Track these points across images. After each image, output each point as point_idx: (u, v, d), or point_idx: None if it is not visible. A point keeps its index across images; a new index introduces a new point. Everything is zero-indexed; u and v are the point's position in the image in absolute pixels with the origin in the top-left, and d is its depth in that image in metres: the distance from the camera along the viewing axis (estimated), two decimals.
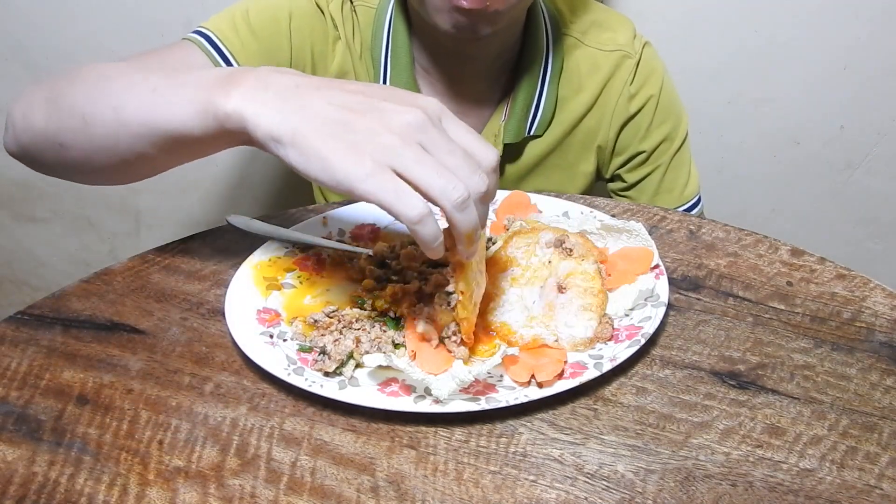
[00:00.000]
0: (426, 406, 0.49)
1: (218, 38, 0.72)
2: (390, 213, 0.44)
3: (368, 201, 0.44)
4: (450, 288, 0.54)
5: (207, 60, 0.71)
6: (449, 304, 0.54)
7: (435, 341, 0.53)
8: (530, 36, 0.80)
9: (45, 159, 0.62)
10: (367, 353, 0.54)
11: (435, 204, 0.45)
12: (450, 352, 0.53)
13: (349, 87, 0.48)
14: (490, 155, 0.47)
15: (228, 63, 0.72)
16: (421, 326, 0.54)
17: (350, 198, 0.47)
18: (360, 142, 0.44)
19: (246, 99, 0.48)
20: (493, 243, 0.64)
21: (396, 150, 0.44)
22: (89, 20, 1.19)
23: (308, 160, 0.45)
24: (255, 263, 0.62)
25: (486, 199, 0.46)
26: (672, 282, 0.61)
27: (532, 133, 0.82)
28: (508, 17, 0.70)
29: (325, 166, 0.45)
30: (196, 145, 0.53)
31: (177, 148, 0.54)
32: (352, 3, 0.79)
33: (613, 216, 0.67)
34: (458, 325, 0.53)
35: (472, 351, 0.54)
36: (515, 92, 0.80)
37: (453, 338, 0.53)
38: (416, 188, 0.44)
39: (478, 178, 0.45)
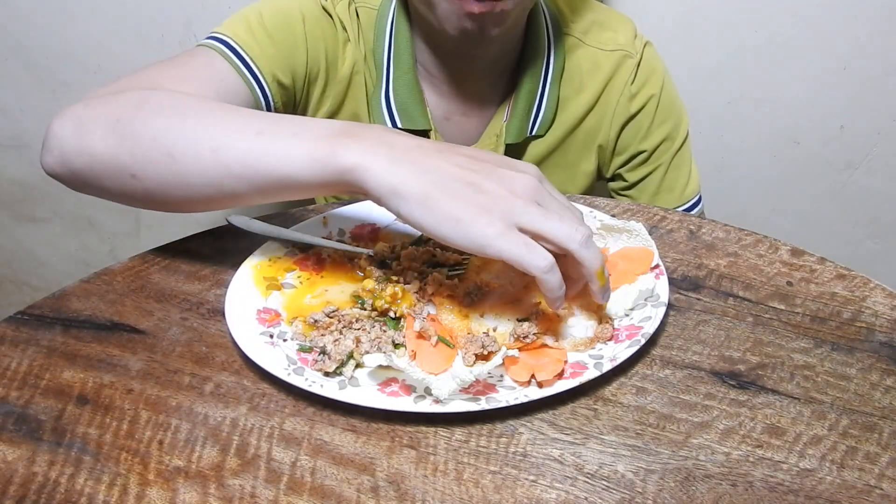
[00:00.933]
0: (426, 406, 0.49)
1: (237, 44, 0.71)
2: (522, 267, 0.48)
3: (501, 258, 0.48)
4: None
5: (230, 68, 0.70)
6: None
7: (434, 339, 0.53)
8: (532, 36, 0.80)
9: (105, 186, 0.59)
10: (367, 353, 0.54)
11: (563, 249, 0.49)
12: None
13: (464, 151, 0.52)
14: (582, 232, 0.49)
15: (249, 68, 0.71)
16: (418, 324, 0.54)
17: (477, 255, 0.51)
18: (489, 204, 0.48)
19: (368, 154, 0.50)
20: None
21: (522, 210, 0.48)
22: (89, 20, 1.19)
23: (438, 220, 0.48)
24: (255, 263, 0.62)
25: (589, 244, 0.50)
26: (672, 282, 0.61)
27: (534, 133, 0.82)
28: (514, 17, 0.70)
29: (457, 227, 0.48)
30: (301, 191, 0.54)
31: (279, 191, 0.55)
32: (354, 4, 0.79)
33: (613, 216, 0.67)
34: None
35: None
36: (517, 92, 0.80)
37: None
38: (544, 239, 0.48)
39: (585, 227, 0.50)
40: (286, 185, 0.54)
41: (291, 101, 0.78)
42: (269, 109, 0.74)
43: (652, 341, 0.55)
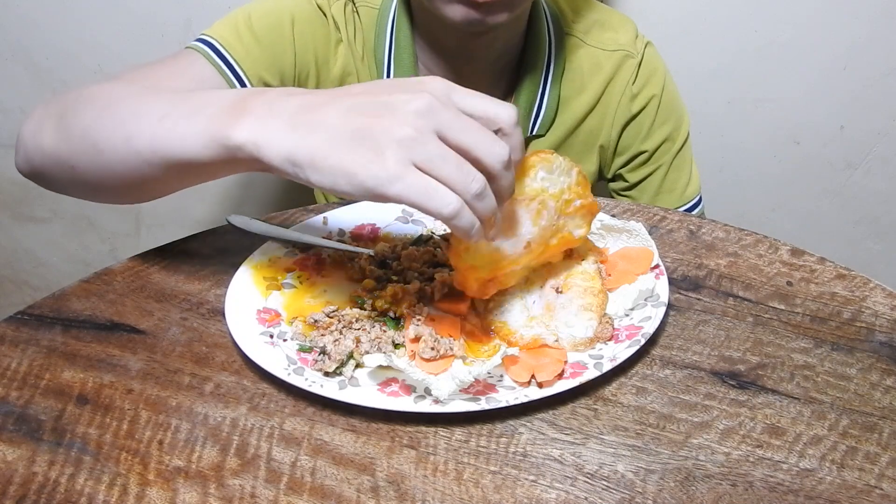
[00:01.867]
0: (426, 406, 0.49)
1: (222, 45, 0.72)
2: (425, 212, 0.45)
3: (401, 203, 0.45)
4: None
5: (213, 70, 0.70)
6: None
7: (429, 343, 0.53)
8: (533, 36, 0.80)
9: (57, 180, 0.62)
10: (367, 353, 0.54)
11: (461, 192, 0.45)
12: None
13: (354, 90, 0.48)
14: (507, 114, 0.47)
15: (233, 70, 0.71)
16: (413, 330, 0.54)
17: (383, 202, 0.47)
18: (379, 145, 0.44)
19: (256, 128, 0.48)
20: None
21: (414, 145, 0.44)
22: (90, 20, 1.19)
23: (334, 177, 0.45)
24: (255, 263, 0.62)
25: (509, 165, 0.47)
26: (672, 282, 0.61)
27: (535, 133, 0.82)
28: (517, 7, 0.70)
29: (350, 179, 0.45)
30: (208, 172, 0.54)
31: (189, 174, 0.55)
32: (354, 3, 0.79)
33: (613, 216, 0.67)
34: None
35: (472, 343, 0.55)
36: (518, 92, 0.80)
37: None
38: (439, 181, 0.45)
39: (499, 147, 0.45)
40: (192, 168, 0.53)
41: None
42: None
43: (652, 341, 0.55)
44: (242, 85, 0.72)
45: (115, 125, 0.55)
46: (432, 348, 0.52)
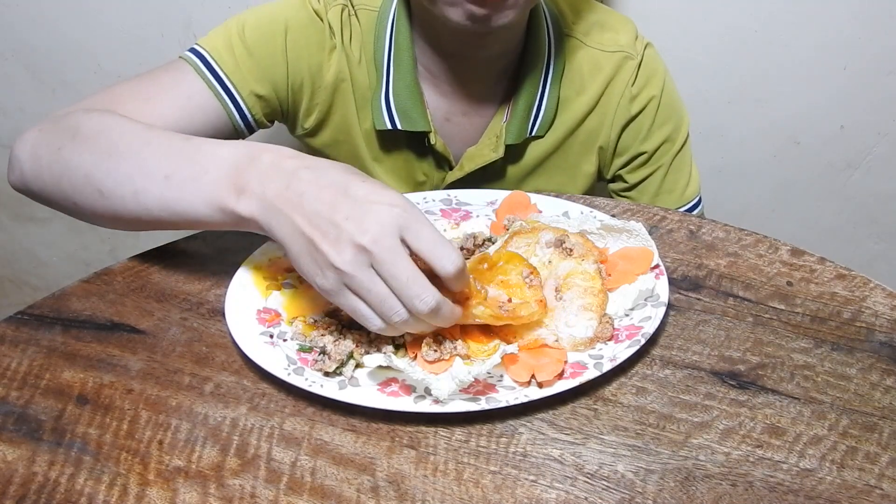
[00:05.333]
0: (426, 406, 0.49)
1: (213, 58, 0.73)
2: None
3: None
4: None
5: (203, 85, 0.72)
6: None
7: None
8: (532, 37, 0.79)
9: (58, 206, 0.64)
10: (367, 353, 0.54)
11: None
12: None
13: (323, 187, 0.51)
14: (450, 264, 0.49)
15: (223, 84, 0.73)
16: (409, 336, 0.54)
17: None
18: (321, 264, 0.50)
19: (255, 207, 0.53)
20: (493, 243, 0.64)
21: (345, 275, 0.49)
22: (90, 20, 1.19)
23: (304, 274, 0.52)
24: (255, 263, 0.62)
25: (436, 312, 0.49)
26: (672, 282, 0.61)
27: (534, 134, 0.82)
28: (522, 9, 0.70)
29: (312, 281, 0.51)
30: (218, 226, 0.57)
31: (199, 227, 0.59)
32: (353, 6, 0.79)
33: (613, 216, 0.67)
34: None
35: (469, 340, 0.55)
36: (517, 93, 0.80)
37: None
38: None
39: (423, 300, 0.48)
40: (204, 226, 0.57)
41: (277, 111, 0.78)
42: (245, 123, 0.75)
43: (652, 341, 0.55)
44: (232, 97, 0.73)
45: (121, 178, 0.58)
46: (435, 350, 0.52)
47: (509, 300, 0.54)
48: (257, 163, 0.54)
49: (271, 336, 0.55)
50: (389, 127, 0.79)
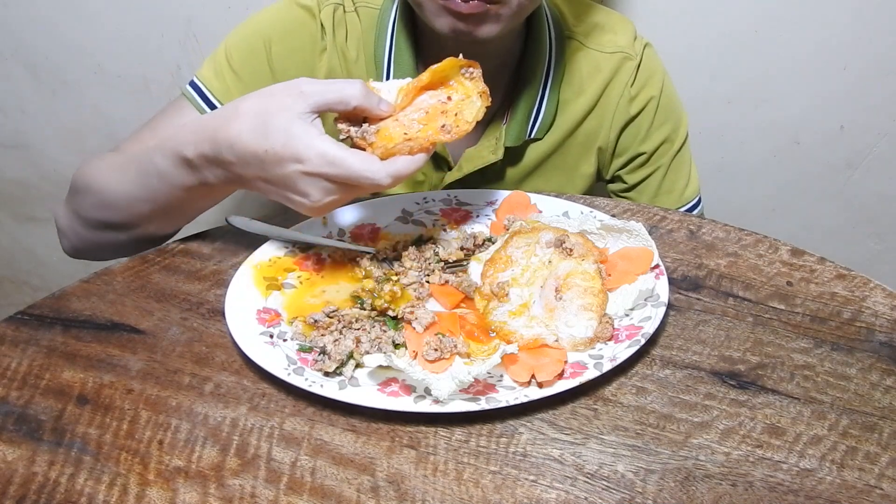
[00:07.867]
0: (426, 406, 0.49)
1: (206, 87, 0.77)
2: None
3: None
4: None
5: (197, 113, 0.75)
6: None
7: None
8: (533, 40, 0.79)
9: (122, 254, 0.71)
10: (367, 353, 0.54)
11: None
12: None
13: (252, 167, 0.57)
14: (350, 94, 0.55)
15: (214, 108, 0.76)
16: (419, 325, 0.54)
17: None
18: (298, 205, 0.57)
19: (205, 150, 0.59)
20: (493, 243, 0.64)
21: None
22: (90, 20, 1.19)
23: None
24: (255, 263, 0.62)
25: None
26: (672, 282, 0.61)
27: (533, 136, 0.82)
28: (509, 21, 0.70)
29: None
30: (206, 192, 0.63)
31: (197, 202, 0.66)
32: (354, 3, 0.79)
33: (613, 216, 0.67)
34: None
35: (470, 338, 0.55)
36: (517, 96, 0.80)
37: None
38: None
39: (373, 181, 0.54)
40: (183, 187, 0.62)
41: None
42: None
43: (652, 341, 0.55)
44: None
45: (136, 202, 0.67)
46: (435, 349, 0.52)
47: (448, 98, 0.55)
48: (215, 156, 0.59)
49: (271, 336, 0.55)
50: None
